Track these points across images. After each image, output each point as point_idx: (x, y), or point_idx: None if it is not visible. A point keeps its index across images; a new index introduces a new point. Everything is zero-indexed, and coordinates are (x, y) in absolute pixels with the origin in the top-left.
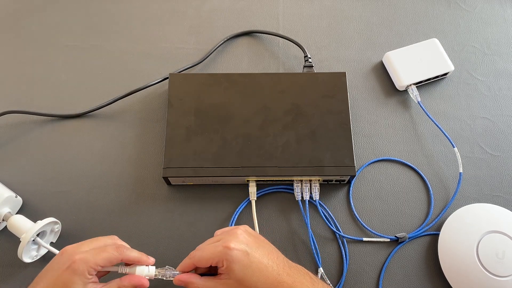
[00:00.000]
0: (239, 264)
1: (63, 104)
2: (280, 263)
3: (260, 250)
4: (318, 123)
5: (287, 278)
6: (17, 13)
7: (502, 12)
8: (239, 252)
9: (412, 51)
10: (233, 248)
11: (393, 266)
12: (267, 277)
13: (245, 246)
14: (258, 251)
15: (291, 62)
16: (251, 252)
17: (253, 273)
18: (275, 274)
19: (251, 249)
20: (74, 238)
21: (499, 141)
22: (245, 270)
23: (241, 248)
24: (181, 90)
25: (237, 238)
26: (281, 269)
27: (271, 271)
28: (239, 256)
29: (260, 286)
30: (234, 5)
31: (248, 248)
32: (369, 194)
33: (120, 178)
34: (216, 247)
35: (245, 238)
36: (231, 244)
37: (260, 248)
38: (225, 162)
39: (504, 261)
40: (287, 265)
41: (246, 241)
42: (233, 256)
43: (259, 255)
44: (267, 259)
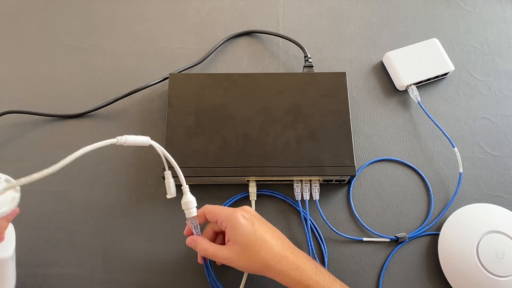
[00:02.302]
0: (243, 229)
1: (63, 104)
2: (285, 243)
3: (266, 226)
4: (318, 123)
5: (291, 254)
6: (17, 13)
7: (502, 12)
8: (245, 220)
9: (412, 51)
10: (241, 214)
11: (393, 266)
12: (271, 249)
13: (253, 217)
14: (264, 226)
15: (291, 62)
16: (257, 223)
17: (256, 241)
18: (279, 248)
19: (258, 221)
20: (74, 239)
21: (499, 141)
22: (249, 236)
23: (248, 217)
24: (181, 90)
25: (246, 210)
26: (286, 247)
27: (275, 243)
28: (245, 222)
29: (263, 255)
30: (234, 5)
31: (256, 220)
32: (369, 194)
33: (120, 178)
34: (227, 208)
35: (253, 213)
36: (240, 210)
37: (266, 225)
38: (225, 162)
39: (504, 261)
40: (292, 245)
41: (254, 215)
42: (239, 219)
43: (264, 229)
44: (271, 234)
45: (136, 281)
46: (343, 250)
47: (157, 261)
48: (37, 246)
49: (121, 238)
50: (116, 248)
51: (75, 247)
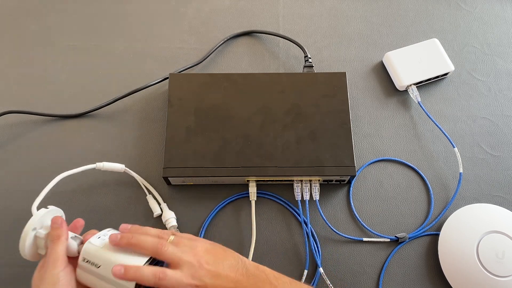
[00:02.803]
0: None
1: (63, 104)
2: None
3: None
4: (318, 123)
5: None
6: (17, 13)
7: (502, 12)
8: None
9: (412, 51)
10: (193, 285)
11: (393, 266)
12: None
13: (203, 276)
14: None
15: (291, 62)
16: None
17: None
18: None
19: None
20: None
21: (499, 141)
22: None
23: (199, 284)
24: (181, 90)
25: (196, 269)
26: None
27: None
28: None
29: None
30: (234, 5)
31: (206, 278)
32: (369, 194)
33: (120, 178)
34: (175, 275)
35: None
36: (190, 279)
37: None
38: (225, 162)
39: (504, 261)
40: (245, 275)
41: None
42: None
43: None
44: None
45: None
46: (343, 250)
47: None
48: None
49: None
50: None
51: None
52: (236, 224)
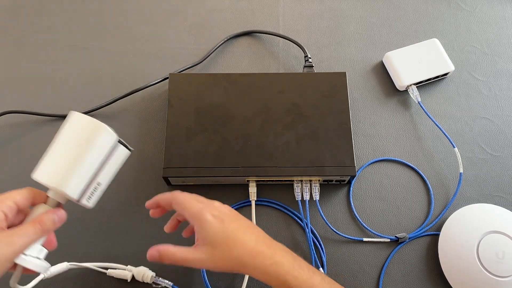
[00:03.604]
0: (212, 228)
1: (63, 104)
2: (260, 237)
3: (237, 222)
4: (318, 123)
5: (267, 249)
6: (17, 13)
7: (502, 12)
8: (214, 218)
9: (412, 51)
10: (209, 211)
11: (393, 266)
12: (244, 246)
13: (223, 215)
14: (234, 222)
15: (291, 62)
16: (227, 221)
17: (227, 238)
18: (253, 244)
19: (228, 218)
20: (74, 238)
21: (499, 141)
22: (219, 234)
23: (217, 214)
24: (181, 90)
25: (216, 207)
26: (260, 241)
27: (248, 240)
28: (213, 220)
29: (236, 253)
30: (234, 5)
31: (226, 217)
32: (369, 194)
33: (120, 178)
34: (197, 202)
35: (223, 209)
36: (209, 207)
37: (238, 221)
38: (225, 162)
39: (504, 261)
40: (268, 239)
41: (224, 212)
42: (207, 218)
43: (235, 225)
44: (244, 230)
45: None
46: (343, 250)
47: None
48: None
49: (121, 238)
50: (116, 249)
51: (75, 247)
52: None
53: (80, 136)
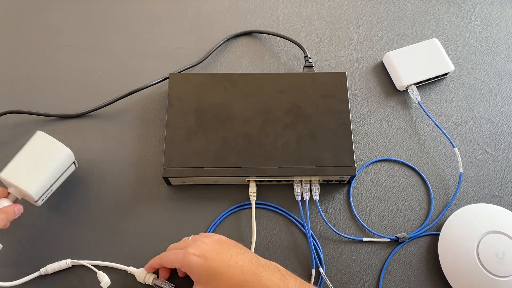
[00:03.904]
0: (197, 270)
1: (63, 104)
2: (246, 263)
3: (222, 254)
4: (318, 123)
5: (253, 277)
6: (17, 13)
7: (502, 12)
8: (197, 258)
9: (412, 51)
10: (191, 253)
11: (393, 266)
12: (229, 278)
13: (205, 251)
14: (219, 255)
15: (291, 62)
16: (211, 257)
17: (213, 276)
18: (239, 274)
19: (212, 254)
20: (74, 238)
21: (499, 141)
22: (204, 275)
23: (199, 254)
24: (181, 90)
25: (199, 245)
26: (246, 269)
27: (233, 272)
28: (197, 261)
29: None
30: (234, 5)
31: (208, 253)
32: (369, 194)
33: (120, 178)
34: (178, 253)
35: (207, 245)
36: (191, 250)
37: (223, 253)
38: (225, 162)
39: (504, 261)
40: (255, 264)
41: (207, 247)
42: (191, 262)
43: (220, 258)
44: (228, 261)
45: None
46: (343, 250)
47: None
48: (38, 246)
49: (121, 238)
50: (116, 249)
51: (75, 247)
52: (236, 224)
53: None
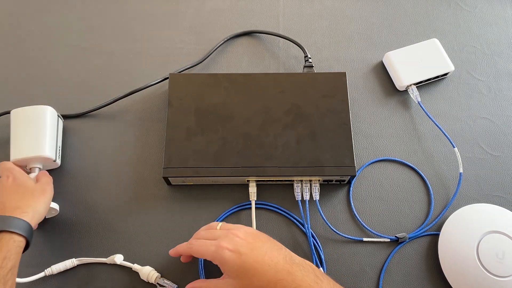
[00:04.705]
0: (231, 264)
1: (63, 104)
2: (280, 261)
3: (256, 250)
4: (318, 123)
5: (287, 275)
6: (17, 13)
7: (502, 12)
8: (231, 253)
9: (412, 51)
10: (225, 247)
11: (393, 266)
12: (263, 275)
13: (239, 246)
14: (253, 251)
15: (291, 62)
16: (245, 252)
17: (247, 272)
18: (273, 272)
19: (245, 249)
20: (74, 238)
21: (499, 141)
22: (238, 270)
23: (233, 249)
24: (181, 90)
25: (232, 238)
26: (280, 267)
27: (268, 269)
28: (231, 256)
29: (256, 284)
30: (234, 5)
31: (242, 248)
32: (369, 194)
33: (120, 178)
34: (210, 245)
35: (240, 239)
36: (224, 243)
37: (257, 248)
38: (225, 162)
39: (504, 261)
40: (289, 262)
41: (241, 241)
42: (224, 257)
43: (254, 254)
44: (263, 257)
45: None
46: (343, 250)
47: (157, 261)
48: (38, 246)
49: (121, 238)
50: (116, 249)
51: (75, 247)
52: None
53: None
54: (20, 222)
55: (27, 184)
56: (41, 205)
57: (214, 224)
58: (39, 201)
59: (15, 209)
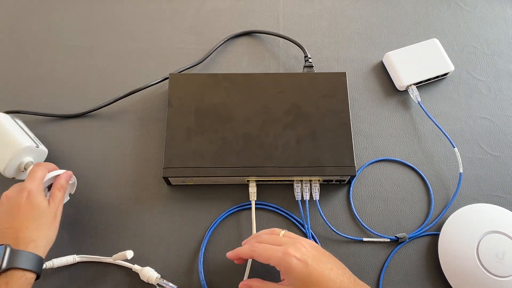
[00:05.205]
0: (297, 273)
1: (63, 104)
2: (345, 280)
3: (322, 264)
4: (318, 123)
5: None
6: (17, 13)
7: (502, 12)
8: (298, 262)
9: (412, 51)
10: (293, 255)
11: (393, 266)
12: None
13: (306, 256)
14: (320, 264)
15: (291, 62)
16: (312, 264)
17: (311, 284)
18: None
19: (312, 261)
20: (74, 238)
21: (499, 141)
22: (303, 279)
23: (301, 258)
24: (181, 90)
25: (299, 248)
26: (345, 285)
27: (332, 285)
28: (298, 265)
29: None
30: (234, 5)
31: (309, 259)
32: (369, 194)
33: (120, 178)
34: (277, 251)
35: (308, 250)
36: (292, 251)
37: (323, 262)
38: (225, 162)
39: (504, 261)
40: (353, 283)
41: (308, 253)
42: (291, 264)
43: (320, 268)
44: (329, 272)
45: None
46: (343, 250)
47: (157, 262)
48: None
49: (121, 238)
50: (116, 249)
51: (75, 247)
52: (236, 224)
53: None
54: (33, 258)
55: (42, 206)
56: (53, 233)
57: (276, 230)
58: (51, 228)
59: (29, 242)
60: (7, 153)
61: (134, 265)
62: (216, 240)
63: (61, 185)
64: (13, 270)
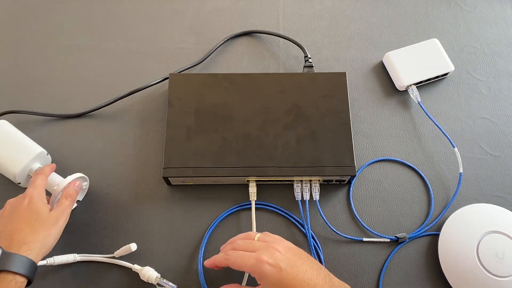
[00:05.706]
0: (270, 280)
1: (63, 104)
2: (320, 282)
3: (296, 267)
4: (318, 123)
5: None
6: (17, 13)
7: (502, 12)
8: (271, 268)
9: (412, 51)
10: (265, 261)
11: (393, 266)
12: None
13: (279, 261)
14: (293, 268)
15: (291, 62)
16: (285, 268)
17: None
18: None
19: (286, 265)
20: (74, 238)
21: (499, 141)
22: (276, 285)
23: (273, 263)
24: (181, 90)
25: (273, 253)
26: (319, 287)
27: (307, 287)
28: (271, 271)
29: None
30: (234, 5)
31: (282, 264)
32: (369, 194)
33: (120, 178)
34: (250, 258)
35: (281, 253)
36: (265, 257)
37: (297, 266)
38: (225, 162)
39: (504, 261)
40: (328, 284)
41: (281, 257)
42: (264, 271)
43: (294, 271)
44: (303, 276)
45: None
46: (343, 250)
47: (157, 261)
48: None
49: (121, 238)
50: (116, 249)
51: (75, 247)
52: (236, 224)
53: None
54: (25, 262)
55: (41, 212)
56: (50, 238)
57: (252, 234)
58: (48, 234)
59: (22, 244)
60: (23, 158)
61: (134, 264)
62: (216, 240)
63: (68, 193)
64: (4, 273)
